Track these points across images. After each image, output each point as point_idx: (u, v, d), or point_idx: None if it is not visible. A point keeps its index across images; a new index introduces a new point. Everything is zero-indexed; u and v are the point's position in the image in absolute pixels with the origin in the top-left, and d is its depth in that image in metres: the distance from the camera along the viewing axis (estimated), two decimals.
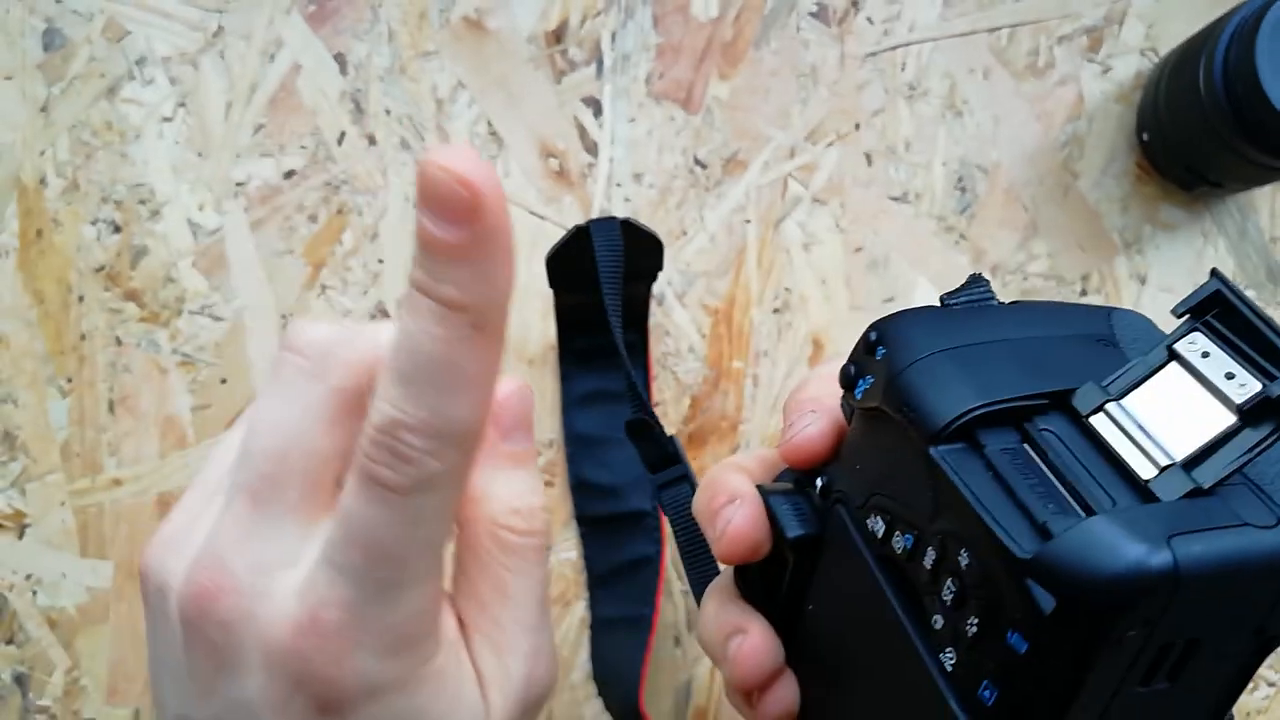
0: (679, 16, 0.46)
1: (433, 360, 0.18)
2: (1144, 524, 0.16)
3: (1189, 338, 0.19)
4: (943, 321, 0.22)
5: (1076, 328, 0.22)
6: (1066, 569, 0.17)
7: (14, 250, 0.46)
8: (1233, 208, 0.46)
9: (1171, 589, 0.16)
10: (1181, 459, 0.18)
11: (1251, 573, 0.17)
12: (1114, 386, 0.19)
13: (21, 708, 0.45)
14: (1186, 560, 0.16)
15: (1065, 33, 0.47)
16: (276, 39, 0.46)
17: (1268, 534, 0.17)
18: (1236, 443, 0.18)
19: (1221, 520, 0.17)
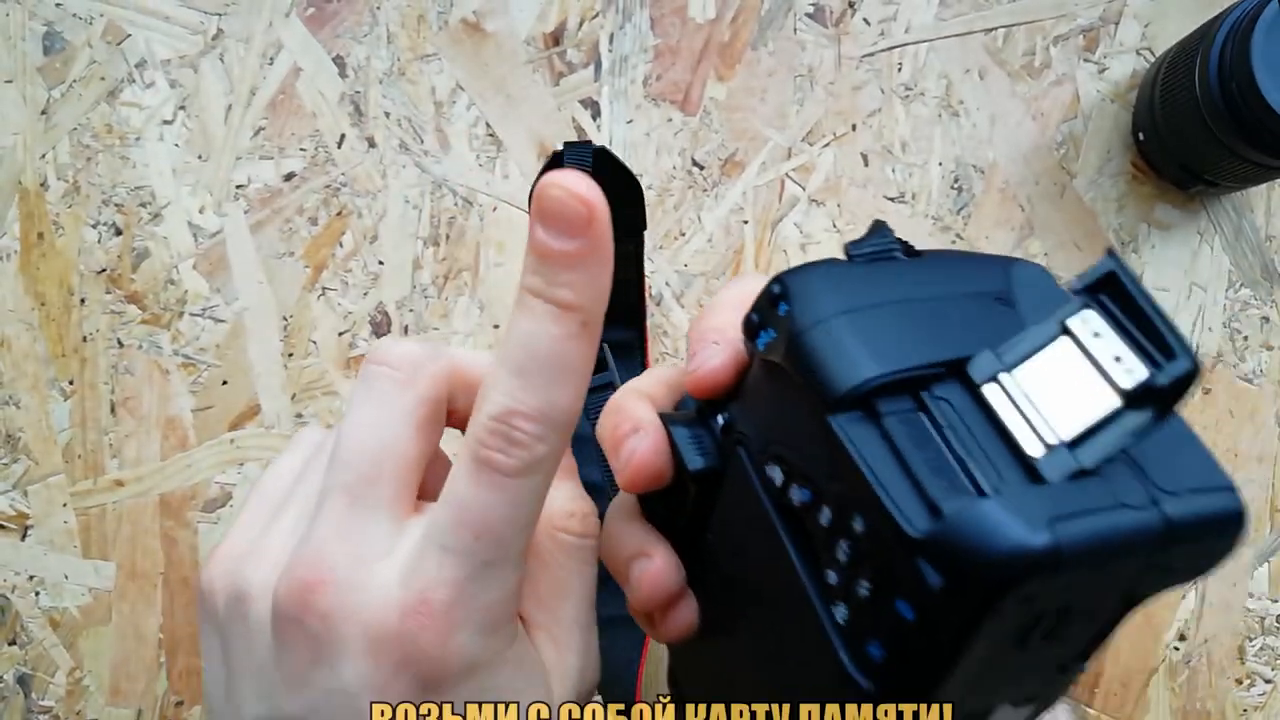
0: (676, 18, 0.47)
1: (547, 354, 0.21)
2: (1029, 507, 0.17)
3: (1082, 314, 0.19)
4: (846, 278, 0.22)
5: (976, 284, 0.22)
6: (955, 551, 0.17)
7: (15, 253, 0.46)
8: (1228, 207, 0.46)
9: (1053, 569, 0.17)
10: (1068, 438, 0.18)
11: (1125, 549, 0.18)
12: (1008, 356, 0.20)
13: (24, 708, 0.45)
14: (1067, 542, 0.17)
15: (1061, 33, 0.47)
16: (276, 42, 0.46)
17: (1139, 513, 0.18)
18: (1119, 425, 0.18)
19: (1101, 502, 0.18)
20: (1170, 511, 0.18)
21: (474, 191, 0.46)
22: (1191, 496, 0.19)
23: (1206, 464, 0.20)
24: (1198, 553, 0.19)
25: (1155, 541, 0.18)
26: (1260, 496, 0.46)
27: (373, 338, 0.46)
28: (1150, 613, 0.45)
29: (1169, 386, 0.18)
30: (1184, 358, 0.18)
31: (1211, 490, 0.19)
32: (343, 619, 0.21)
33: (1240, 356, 0.46)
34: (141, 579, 0.46)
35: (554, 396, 0.21)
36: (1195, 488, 0.19)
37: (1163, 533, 0.18)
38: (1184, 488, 0.19)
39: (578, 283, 0.21)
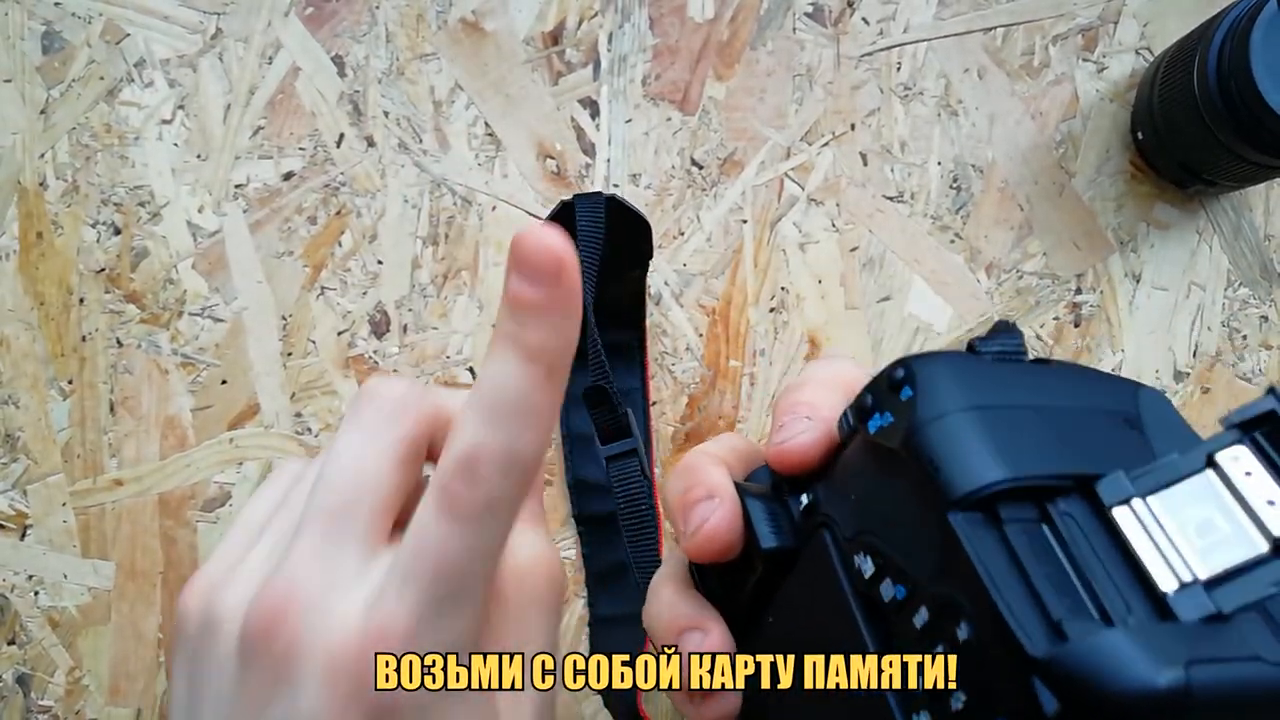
0: (675, 18, 0.47)
1: (514, 398, 0.21)
2: (1162, 644, 0.16)
3: (1232, 450, 0.18)
4: (974, 374, 0.21)
5: (1104, 401, 0.21)
6: (1079, 678, 0.16)
7: (14, 253, 0.46)
8: (1227, 206, 0.46)
9: (1177, 714, 0.16)
10: (1205, 578, 0.17)
11: (1256, 706, 0.17)
12: (1142, 482, 0.19)
13: (24, 708, 0.45)
14: (1199, 687, 0.16)
15: (1060, 32, 0.47)
16: (275, 41, 0.46)
17: (1276, 670, 0.17)
18: (1265, 572, 0.17)
19: (1236, 650, 0.17)
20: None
21: (473, 191, 0.46)
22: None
23: None
24: None
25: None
26: None
27: (372, 337, 0.46)
28: None
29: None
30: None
31: None
32: (305, 645, 0.21)
33: (1239, 356, 0.46)
34: (141, 578, 0.46)
35: (517, 439, 0.21)
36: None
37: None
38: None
39: (546, 331, 0.21)
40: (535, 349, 0.21)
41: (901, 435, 0.20)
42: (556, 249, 0.21)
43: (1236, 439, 0.18)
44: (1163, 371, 0.46)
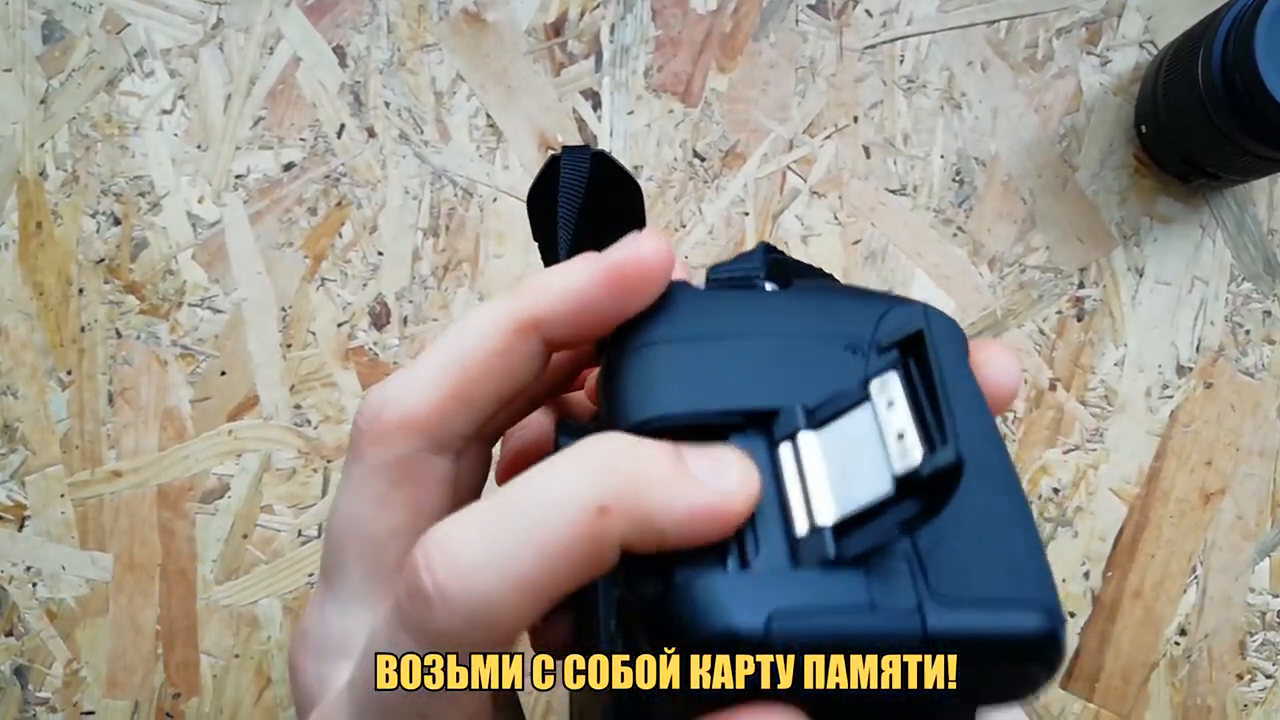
0: (677, 9, 0.47)
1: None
2: (759, 592, 0.16)
3: (884, 378, 0.17)
4: (686, 305, 0.20)
5: (833, 326, 0.20)
6: (666, 621, 0.16)
7: (14, 243, 0.46)
8: (1231, 200, 0.46)
9: (761, 652, 0.15)
10: (832, 522, 0.16)
11: (848, 655, 0.16)
12: (816, 415, 0.18)
13: (21, 700, 0.45)
14: (780, 637, 0.15)
15: (1064, 25, 0.47)
16: (275, 32, 0.46)
17: (894, 620, 0.16)
18: (889, 515, 0.16)
19: (847, 599, 0.16)
20: (935, 623, 0.16)
21: (474, 182, 0.46)
22: (973, 610, 0.16)
23: (1028, 574, 0.17)
24: (981, 673, 0.16)
25: (908, 651, 0.16)
26: (1262, 491, 0.45)
27: (372, 329, 0.46)
28: (1151, 607, 0.45)
29: (929, 479, 0.15)
30: (948, 448, 0.15)
31: (1008, 605, 0.16)
32: (306, 711, 0.21)
33: (1242, 351, 0.46)
34: (139, 570, 0.45)
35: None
36: (986, 599, 0.16)
37: (920, 647, 0.16)
38: (970, 597, 0.16)
39: None
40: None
41: (602, 368, 0.20)
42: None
43: (891, 363, 0.17)
44: (1165, 366, 0.46)
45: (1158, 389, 0.46)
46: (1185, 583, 0.45)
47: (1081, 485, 0.45)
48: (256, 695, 0.45)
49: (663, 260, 0.19)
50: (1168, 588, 0.45)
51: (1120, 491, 0.45)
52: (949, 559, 0.16)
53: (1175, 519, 0.45)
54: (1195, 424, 0.46)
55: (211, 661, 0.45)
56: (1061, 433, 0.45)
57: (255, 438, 0.46)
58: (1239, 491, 0.45)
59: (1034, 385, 0.46)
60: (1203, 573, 0.45)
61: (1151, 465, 0.45)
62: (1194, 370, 0.46)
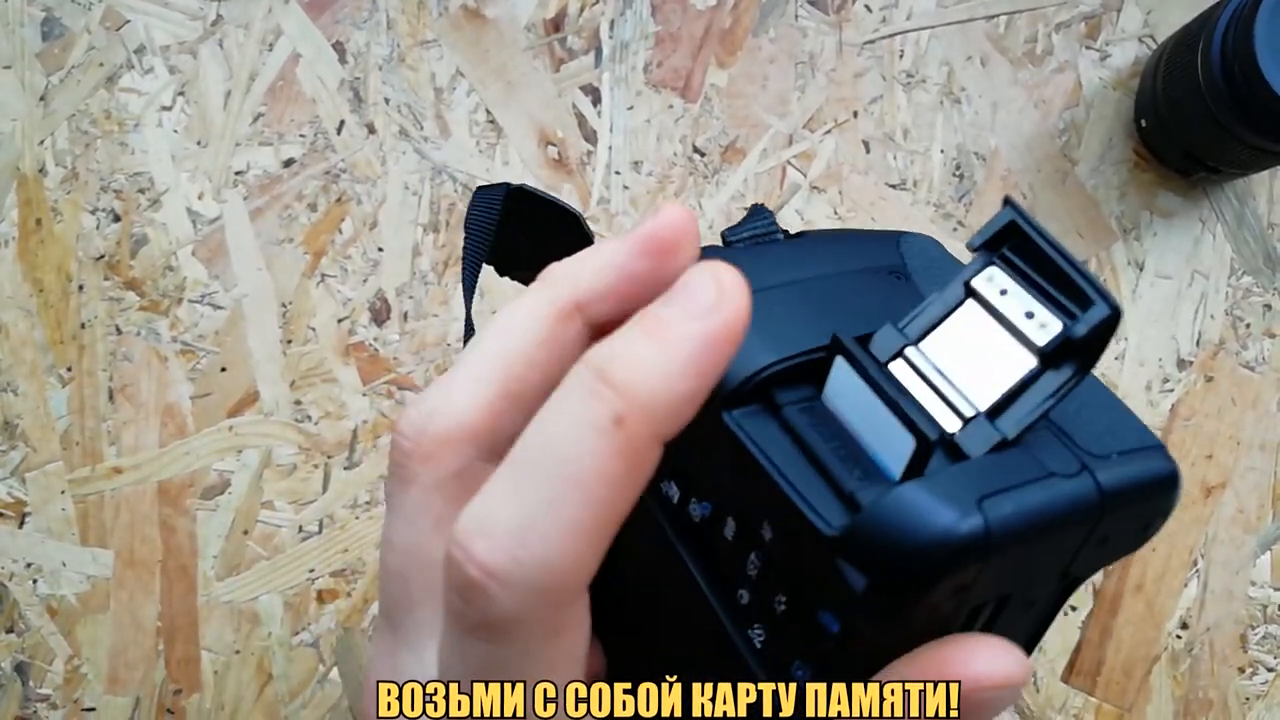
0: (677, 5, 0.47)
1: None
2: (952, 488, 0.16)
3: (986, 273, 0.17)
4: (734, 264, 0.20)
5: (866, 260, 0.21)
6: (875, 544, 0.16)
7: (14, 239, 0.46)
8: (1230, 194, 0.46)
9: (983, 554, 0.15)
10: (985, 408, 0.17)
11: (1059, 524, 0.16)
12: (911, 328, 0.18)
13: (22, 696, 0.45)
14: (997, 523, 0.15)
15: (1063, 20, 0.47)
16: (275, 28, 0.46)
17: (1071, 482, 0.17)
18: (1039, 387, 0.17)
19: (1028, 474, 0.16)
20: (1103, 479, 0.17)
21: (474, 178, 0.46)
22: (1123, 460, 0.17)
23: (1131, 425, 0.18)
24: (1134, 519, 0.18)
25: (1091, 511, 0.17)
26: (1263, 484, 0.45)
27: (372, 324, 0.46)
28: (1152, 601, 0.45)
29: (1088, 336, 0.16)
30: (1101, 303, 0.16)
31: (1141, 452, 0.18)
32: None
33: (1242, 344, 0.46)
34: (139, 567, 0.45)
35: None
36: (1124, 450, 0.17)
37: (1099, 502, 0.17)
38: (1113, 451, 0.17)
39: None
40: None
41: None
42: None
43: (987, 261, 0.18)
44: (1166, 360, 0.46)
45: (1158, 383, 0.46)
46: (1186, 576, 0.45)
47: None
48: (258, 691, 0.45)
49: (689, 220, 0.19)
50: (1169, 581, 0.45)
51: None
52: (1077, 425, 0.17)
53: (1176, 513, 0.45)
54: (1196, 417, 0.46)
55: (212, 658, 0.45)
56: None
57: (256, 434, 0.46)
58: (1240, 485, 0.45)
59: None
60: (1204, 566, 0.45)
61: None
62: (1194, 364, 0.46)
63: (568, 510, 0.15)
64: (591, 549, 0.16)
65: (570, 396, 0.16)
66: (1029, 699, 0.45)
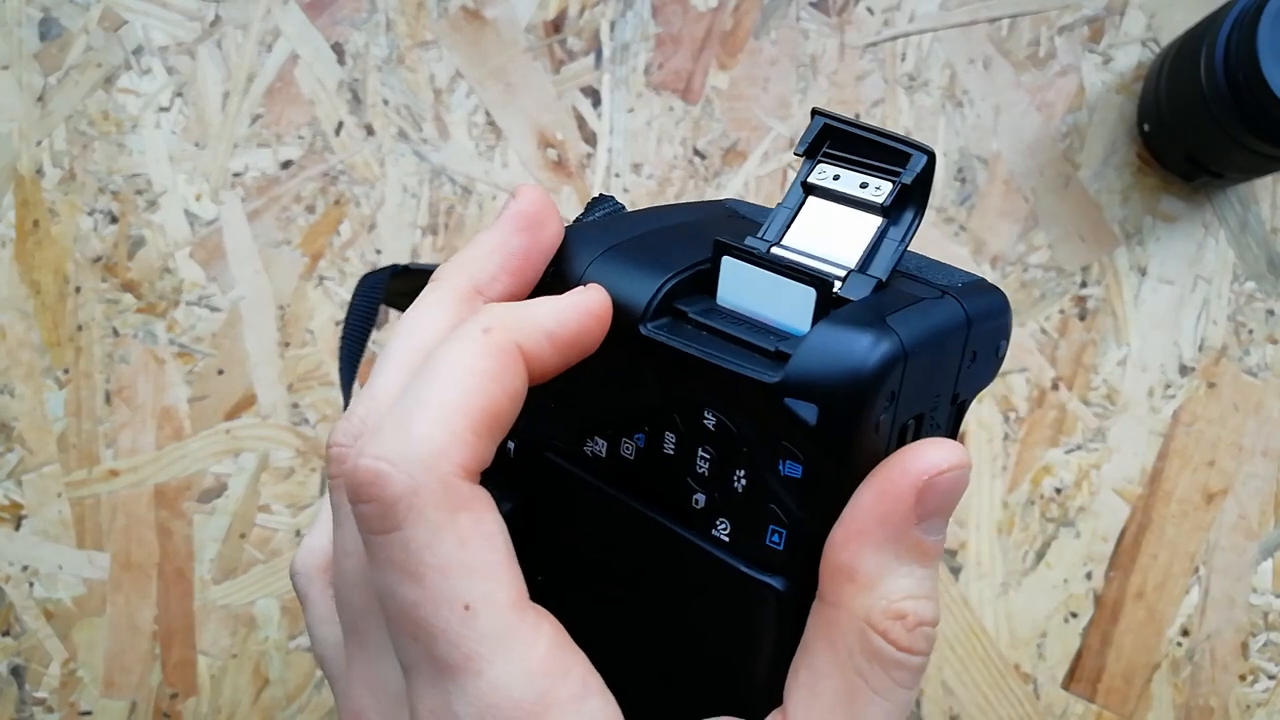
0: (678, 6, 0.46)
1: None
2: (860, 318, 0.18)
3: (817, 170, 0.21)
4: (592, 231, 0.23)
5: (703, 214, 0.24)
6: (816, 376, 0.18)
7: (11, 241, 0.46)
8: (1234, 199, 0.46)
9: (903, 360, 0.18)
10: (854, 265, 0.20)
11: (946, 334, 0.19)
12: (770, 233, 0.21)
13: (18, 699, 0.45)
14: (905, 333, 0.18)
15: (1066, 23, 0.46)
16: (274, 29, 0.46)
17: (943, 303, 0.19)
18: (891, 236, 0.20)
19: (909, 302, 0.19)
20: (963, 300, 0.20)
21: (473, 180, 0.46)
22: (968, 290, 0.20)
23: (958, 272, 0.21)
24: (990, 338, 0.21)
25: (962, 326, 0.20)
26: (1265, 491, 0.45)
27: None
28: (1153, 607, 0.45)
29: (916, 180, 0.20)
30: (917, 153, 0.19)
31: (974, 283, 0.21)
32: None
33: (1245, 350, 0.45)
34: (136, 570, 0.45)
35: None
36: (964, 283, 0.21)
37: (966, 317, 0.20)
38: (955, 284, 0.20)
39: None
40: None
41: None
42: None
43: (814, 163, 0.21)
44: (1168, 366, 0.45)
45: (1160, 388, 0.45)
46: (1188, 583, 0.45)
47: (1084, 485, 0.45)
48: (254, 695, 0.45)
49: (547, 197, 0.22)
50: (1170, 588, 0.45)
51: (1123, 491, 0.45)
52: (921, 274, 0.21)
53: (1178, 519, 0.45)
54: (1198, 424, 0.45)
55: (209, 661, 0.45)
56: (1064, 432, 0.45)
57: (253, 436, 0.45)
58: (1242, 492, 0.45)
59: (1036, 385, 0.45)
60: (1205, 573, 0.45)
61: (1154, 465, 0.45)
62: (1197, 369, 0.45)
63: (440, 394, 0.17)
64: (469, 427, 0.17)
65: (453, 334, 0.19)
66: (1029, 706, 0.45)
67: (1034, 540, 0.45)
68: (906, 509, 0.18)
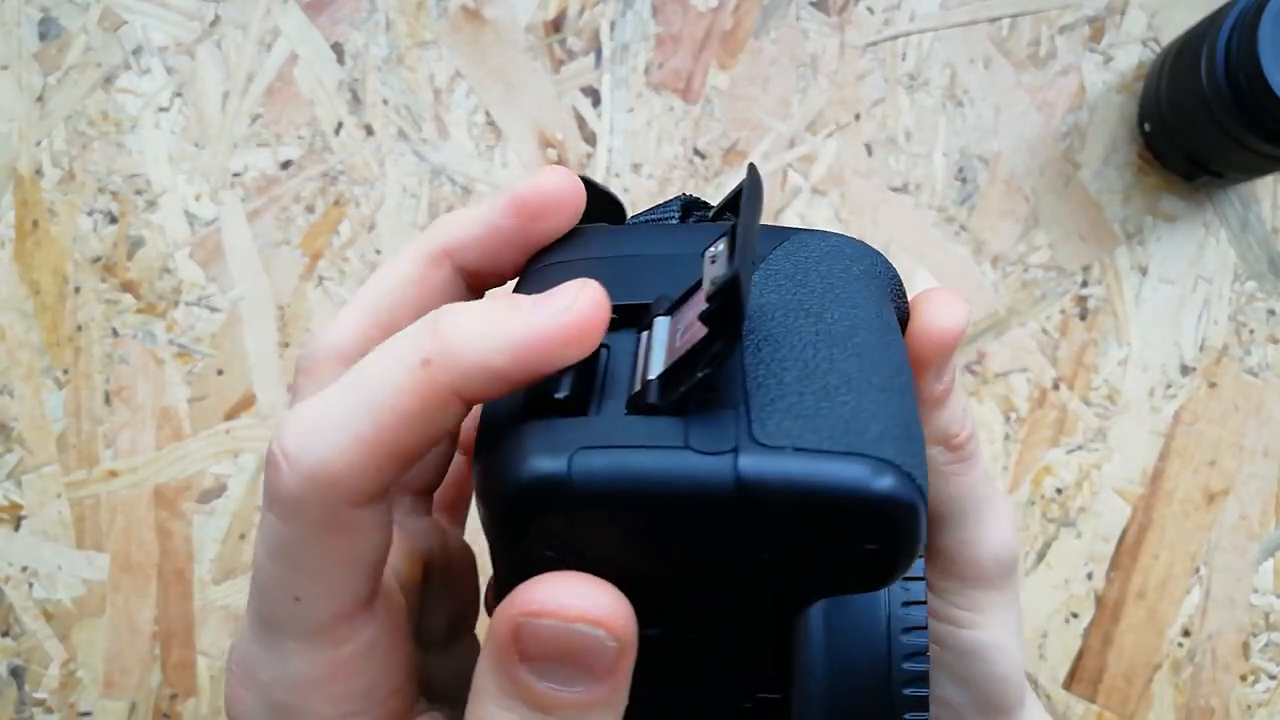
0: (678, 6, 0.46)
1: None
2: (564, 435, 0.15)
3: (715, 245, 0.17)
4: (590, 237, 0.21)
5: (692, 246, 0.20)
6: (486, 473, 0.16)
7: (10, 241, 0.45)
8: (1234, 198, 0.46)
9: (566, 502, 0.15)
10: (656, 374, 0.16)
11: (670, 498, 0.15)
12: (676, 301, 0.18)
13: (18, 700, 0.45)
14: (584, 473, 0.15)
15: (1067, 22, 0.46)
16: (273, 28, 0.46)
17: (702, 460, 0.15)
18: (703, 355, 0.15)
19: (657, 440, 0.15)
20: (747, 466, 0.14)
21: (473, 180, 0.46)
22: (800, 456, 0.15)
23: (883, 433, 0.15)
24: (819, 535, 0.15)
25: (721, 500, 0.15)
26: (1266, 491, 0.45)
27: None
28: (1154, 608, 0.45)
29: (714, 297, 0.15)
30: (730, 266, 0.15)
31: (840, 456, 0.15)
32: None
33: (1246, 350, 0.45)
34: (135, 570, 0.45)
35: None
36: (813, 448, 0.15)
37: (732, 491, 0.14)
38: (800, 445, 0.15)
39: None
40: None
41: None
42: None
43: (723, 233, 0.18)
44: (1169, 365, 0.45)
45: (1161, 388, 0.45)
46: (1189, 583, 0.45)
47: (1085, 485, 0.45)
48: None
49: (564, 188, 0.21)
50: (1171, 588, 0.45)
51: (1123, 492, 0.45)
52: (787, 412, 0.15)
53: (1179, 519, 0.45)
54: (1199, 424, 0.45)
55: (209, 662, 0.45)
56: (1065, 432, 0.45)
57: (253, 437, 0.45)
58: (1243, 492, 0.45)
59: (1037, 384, 0.45)
60: (1206, 573, 0.45)
61: (1155, 465, 0.45)
62: (1198, 369, 0.45)
63: (355, 421, 0.17)
64: (369, 462, 0.17)
65: (404, 334, 0.17)
66: None
67: (1035, 540, 0.45)
68: (507, 643, 0.16)
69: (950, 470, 0.24)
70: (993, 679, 0.25)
